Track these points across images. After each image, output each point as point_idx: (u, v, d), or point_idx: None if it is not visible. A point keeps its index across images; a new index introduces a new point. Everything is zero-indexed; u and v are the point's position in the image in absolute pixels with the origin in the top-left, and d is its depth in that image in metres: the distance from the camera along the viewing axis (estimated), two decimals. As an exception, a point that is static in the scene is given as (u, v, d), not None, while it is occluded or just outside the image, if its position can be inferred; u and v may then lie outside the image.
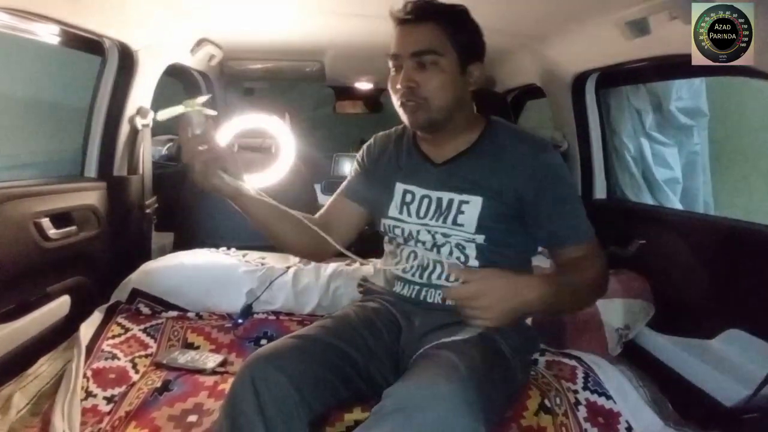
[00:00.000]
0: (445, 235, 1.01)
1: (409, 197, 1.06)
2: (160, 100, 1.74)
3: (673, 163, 1.90)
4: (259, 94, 2.61)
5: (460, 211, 1.00)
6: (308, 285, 1.52)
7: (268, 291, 1.49)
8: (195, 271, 1.52)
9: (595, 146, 1.83)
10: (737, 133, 2.29)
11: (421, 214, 1.03)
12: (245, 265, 1.56)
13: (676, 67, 1.45)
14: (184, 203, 1.93)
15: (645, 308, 1.46)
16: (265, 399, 0.82)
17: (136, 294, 1.48)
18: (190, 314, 1.45)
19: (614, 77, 1.76)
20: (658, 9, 1.12)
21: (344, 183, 1.16)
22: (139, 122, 1.65)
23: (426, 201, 1.03)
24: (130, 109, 1.62)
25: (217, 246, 1.71)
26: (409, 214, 1.05)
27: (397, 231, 1.05)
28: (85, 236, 1.46)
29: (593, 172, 1.83)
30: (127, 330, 1.35)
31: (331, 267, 1.58)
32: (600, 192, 1.84)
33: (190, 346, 1.33)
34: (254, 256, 1.66)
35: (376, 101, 2.85)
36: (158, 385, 1.12)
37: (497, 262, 1.00)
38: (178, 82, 2.25)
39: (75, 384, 1.09)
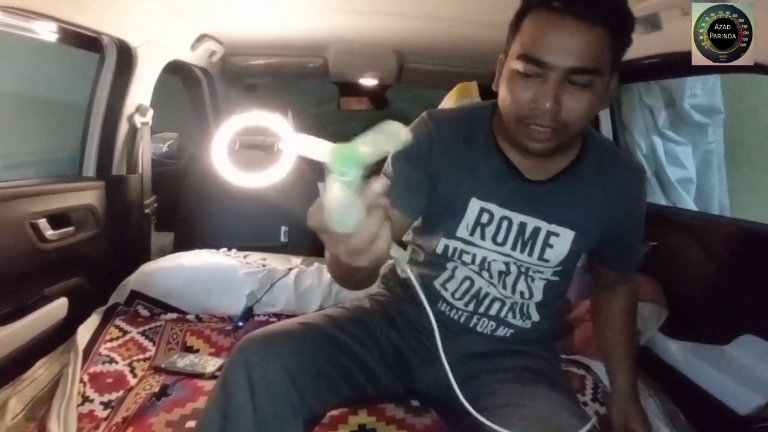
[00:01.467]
0: (524, 268, 0.89)
1: (485, 218, 0.87)
2: (159, 98, 1.74)
3: (686, 162, 1.89)
4: (261, 91, 2.61)
5: (548, 244, 0.87)
6: (310, 287, 1.52)
7: (269, 293, 1.49)
8: (195, 272, 1.52)
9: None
10: (754, 131, 2.25)
11: (499, 240, 0.87)
12: (246, 267, 1.56)
13: (688, 63, 1.43)
14: (184, 202, 1.93)
15: (656, 312, 1.44)
16: (258, 387, 0.73)
17: (134, 296, 1.48)
18: (189, 317, 1.45)
19: (625, 73, 1.72)
20: (670, 5, 1.11)
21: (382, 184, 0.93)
22: (138, 120, 1.65)
23: (505, 224, 0.87)
24: (129, 106, 1.62)
25: (217, 247, 1.71)
26: (483, 238, 0.88)
27: (467, 258, 0.89)
28: (83, 237, 1.46)
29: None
30: (125, 333, 1.35)
31: None
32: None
33: (189, 350, 1.32)
34: (255, 257, 1.67)
35: (381, 97, 2.84)
36: (156, 390, 1.11)
37: (557, 296, 0.95)
38: (178, 79, 2.26)
39: (71, 389, 1.09)
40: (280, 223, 1.93)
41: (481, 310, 0.93)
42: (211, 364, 1.22)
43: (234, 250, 1.70)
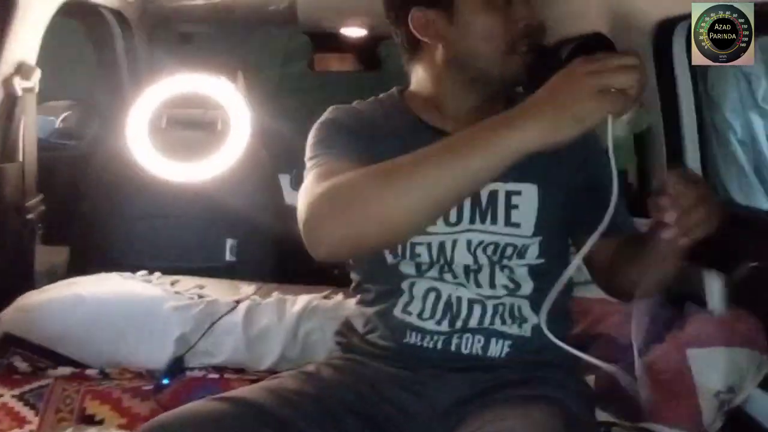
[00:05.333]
0: (495, 255, 1.01)
1: None
2: (50, 53, 1.71)
3: (797, 150, 1.92)
4: (199, 42, 2.63)
5: (511, 206, 1.01)
6: (267, 328, 1.51)
7: (208, 336, 1.48)
8: (100, 306, 1.50)
9: (687, 125, 1.80)
10: None
11: (452, 219, 1.01)
12: (175, 299, 1.55)
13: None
14: (85, 204, 1.91)
15: (757, 361, 1.44)
16: None
17: (9, 341, 1.45)
18: (90, 372, 1.42)
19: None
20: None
21: (337, 150, 1.02)
22: (19, 85, 1.63)
23: None
24: (5, 66, 1.59)
25: (133, 269, 1.69)
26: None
27: (420, 250, 1.01)
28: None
29: (684, 160, 1.80)
30: (-6, 396, 1.32)
31: (301, 301, 1.57)
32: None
33: (89, 421, 1.30)
34: (189, 284, 1.66)
35: (372, 54, 2.87)
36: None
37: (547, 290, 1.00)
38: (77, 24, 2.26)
39: None
40: (225, 234, 1.93)
41: (459, 324, 1.00)
42: (122, 444, 1.22)
43: (157, 274, 1.69)
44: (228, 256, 1.92)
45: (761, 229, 1.61)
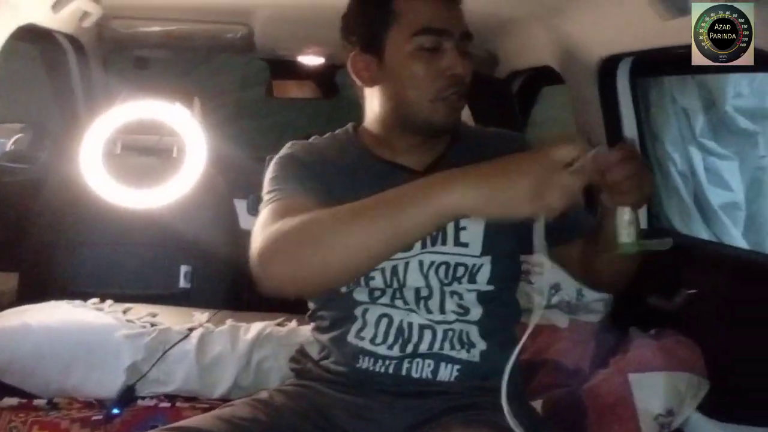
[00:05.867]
0: (447, 278, 1.06)
1: None
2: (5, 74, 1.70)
3: (732, 181, 1.98)
4: (156, 67, 2.60)
5: (459, 228, 1.05)
6: (220, 356, 1.50)
7: (160, 365, 1.47)
8: (49, 335, 1.48)
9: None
10: None
11: None
12: (126, 327, 1.53)
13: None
14: (35, 229, 1.88)
15: (694, 385, 1.47)
16: None
17: None
18: (38, 402, 1.40)
19: (653, 65, 1.81)
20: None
21: (292, 186, 1.06)
22: None
23: None
24: None
25: (84, 296, 1.68)
26: None
27: (374, 274, 1.04)
28: None
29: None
30: (-67, 430, 1.31)
31: (254, 329, 1.56)
32: (640, 219, 1.89)
33: None
34: (141, 312, 1.64)
35: (329, 82, 2.86)
36: None
37: (502, 316, 1.09)
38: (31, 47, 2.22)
39: None
40: (179, 261, 1.92)
41: (409, 348, 1.04)
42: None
43: (109, 302, 1.67)
44: (182, 283, 1.90)
45: (699, 257, 1.65)
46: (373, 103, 1.10)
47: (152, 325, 1.56)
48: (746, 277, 1.46)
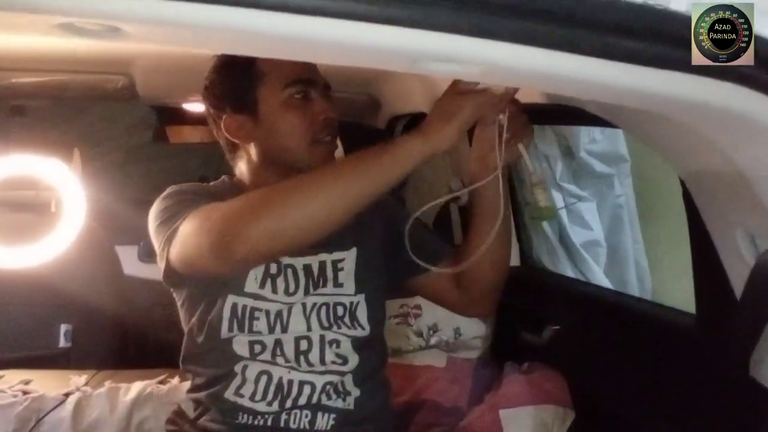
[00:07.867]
0: (326, 322, 1.11)
1: (274, 268, 1.12)
2: None
3: (591, 221, 2.13)
4: (33, 115, 2.46)
5: (338, 269, 1.13)
6: (98, 420, 1.48)
7: None
8: None
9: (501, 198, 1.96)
10: (666, 177, 2.57)
11: (291, 289, 1.11)
12: None
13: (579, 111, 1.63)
14: None
15: (560, 416, 1.56)
16: None
17: None
18: None
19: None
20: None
21: (193, 202, 1.07)
22: None
23: (290, 272, 1.12)
24: None
25: None
26: (275, 291, 1.11)
27: (259, 315, 1.08)
28: None
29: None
30: None
31: (134, 389, 1.55)
32: (512, 257, 1.98)
33: None
34: (13, 379, 1.59)
35: None
36: None
37: (374, 361, 1.16)
38: None
39: None
40: (59, 319, 1.87)
41: (289, 403, 1.07)
42: None
43: None
44: (62, 342, 1.85)
45: (564, 295, 1.74)
46: (250, 156, 1.15)
47: (24, 393, 1.51)
48: (607, 312, 1.56)
